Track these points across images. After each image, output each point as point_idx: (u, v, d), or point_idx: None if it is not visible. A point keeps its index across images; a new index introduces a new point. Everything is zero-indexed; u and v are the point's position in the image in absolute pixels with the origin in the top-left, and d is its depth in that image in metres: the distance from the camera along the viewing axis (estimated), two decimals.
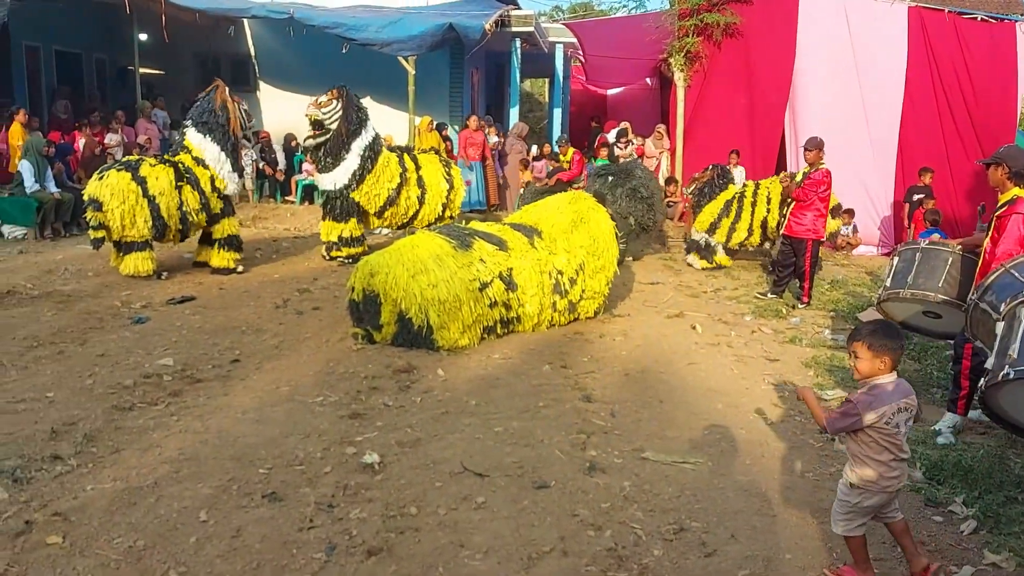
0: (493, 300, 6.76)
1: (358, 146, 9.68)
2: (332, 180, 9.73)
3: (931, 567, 3.54)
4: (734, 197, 10.67)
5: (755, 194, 10.52)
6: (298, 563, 3.49)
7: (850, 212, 12.66)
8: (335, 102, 9.53)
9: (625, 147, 15.17)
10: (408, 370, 5.99)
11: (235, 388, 5.61)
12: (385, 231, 12.62)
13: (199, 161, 9.00)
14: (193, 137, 9.07)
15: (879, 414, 3.30)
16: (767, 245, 10.72)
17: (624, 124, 16.10)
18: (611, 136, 15.89)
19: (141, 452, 4.51)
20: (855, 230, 12.82)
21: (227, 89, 9.36)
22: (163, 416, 5.07)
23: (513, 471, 4.42)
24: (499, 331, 6.95)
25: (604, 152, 13.71)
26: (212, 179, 9.05)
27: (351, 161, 9.67)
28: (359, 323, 6.74)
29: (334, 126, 9.53)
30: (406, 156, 10.51)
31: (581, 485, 4.30)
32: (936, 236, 10.10)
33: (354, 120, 9.65)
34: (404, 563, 3.50)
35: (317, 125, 9.54)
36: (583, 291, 7.49)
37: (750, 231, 10.59)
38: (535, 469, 4.45)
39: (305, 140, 9.86)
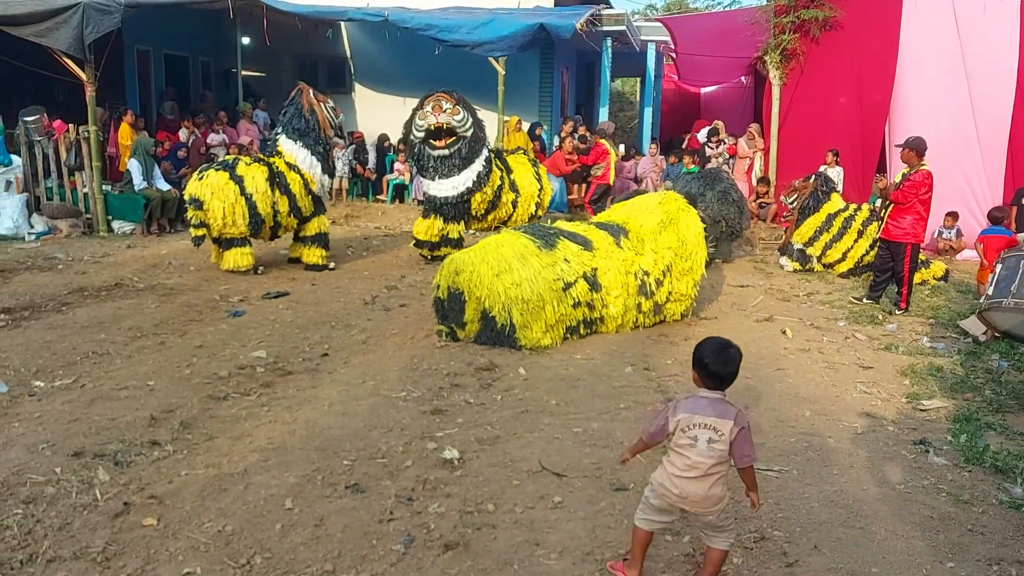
0: (577, 300, 6.75)
1: (485, 150, 9.70)
2: (453, 185, 9.63)
3: None
4: (838, 213, 10.38)
5: (864, 224, 10.19)
6: (377, 554, 3.56)
7: (954, 215, 12.12)
8: (460, 107, 9.38)
9: (717, 147, 14.92)
10: (490, 368, 6.04)
11: (323, 381, 5.77)
12: (472, 230, 12.76)
13: (292, 167, 9.28)
14: (285, 144, 9.37)
15: (679, 419, 3.25)
16: (850, 276, 10.36)
17: (716, 123, 15.82)
18: (701, 135, 15.66)
19: (233, 440, 4.69)
20: (959, 234, 12.24)
21: (311, 91, 9.62)
22: (255, 406, 5.25)
23: (591, 472, 4.40)
24: (582, 331, 6.93)
25: (689, 160, 13.50)
26: (305, 183, 9.33)
27: (477, 165, 9.63)
28: (444, 320, 6.84)
29: (468, 133, 9.45)
30: (497, 160, 10.52)
31: None
32: (1001, 235, 9.59)
33: (480, 125, 9.66)
34: (480, 559, 3.54)
35: (448, 132, 9.37)
36: (669, 293, 7.40)
37: (844, 256, 10.31)
38: (613, 471, 4.42)
39: (436, 149, 9.48)
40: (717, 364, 3.25)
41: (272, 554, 3.53)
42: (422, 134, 9.50)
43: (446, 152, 9.51)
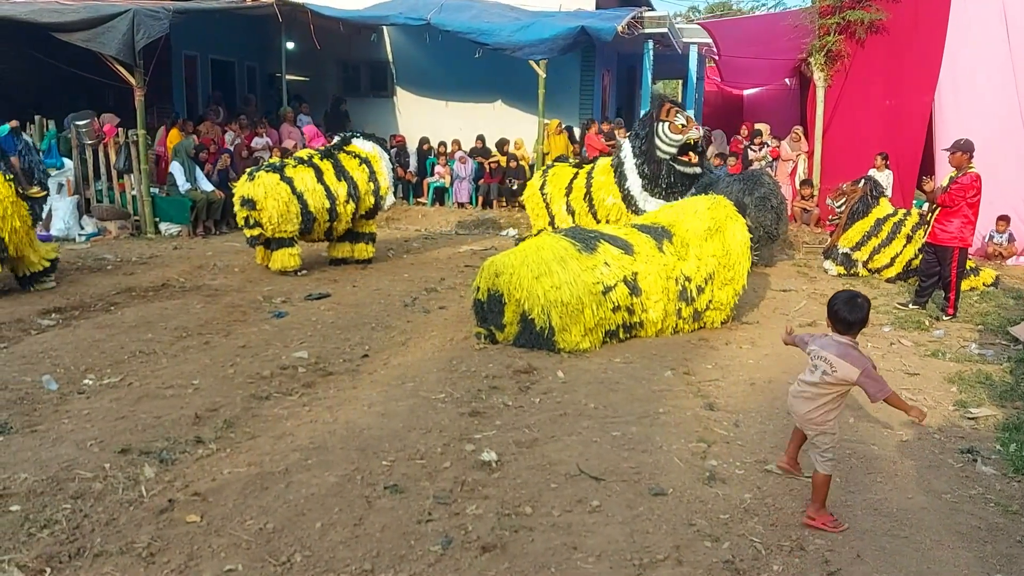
0: (616, 304, 6.72)
1: None
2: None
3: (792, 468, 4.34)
4: (886, 218, 10.22)
5: (914, 230, 10.03)
6: (415, 554, 3.58)
7: (1005, 219, 11.84)
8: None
9: (759, 149, 14.76)
10: (528, 371, 6.04)
11: (363, 382, 5.83)
12: (512, 232, 12.79)
13: (363, 160, 9.75)
14: (364, 144, 9.92)
15: (810, 350, 4.00)
16: (897, 281, 10.19)
17: (759, 126, 15.65)
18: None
19: (275, 439, 4.75)
20: (1011, 238, 11.96)
21: None
22: (296, 406, 5.32)
23: (630, 476, 4.38)
24: (621, 335, 6.90)
25: (719, 161, 13.34)
26: (372, 177, 9.76)
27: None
28: (483, 323, 6.85)
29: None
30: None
31: (699, 494, 4.21)
32: None
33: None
34: (517, 561, 3.54)
35: (693, 147, 8.78)
36: (710, 301, 7.33)
37: (892, 262, 10.15)
38: (652, 475, 4.40)
39: (690, 166, 8.85)
40: (845, 310, 3.83)
41: (312, 552, 3.56)
42: (674, 149, 8.73)
43: (698, 169, 8.84)
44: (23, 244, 7.87)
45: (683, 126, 8.55)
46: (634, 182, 9.00)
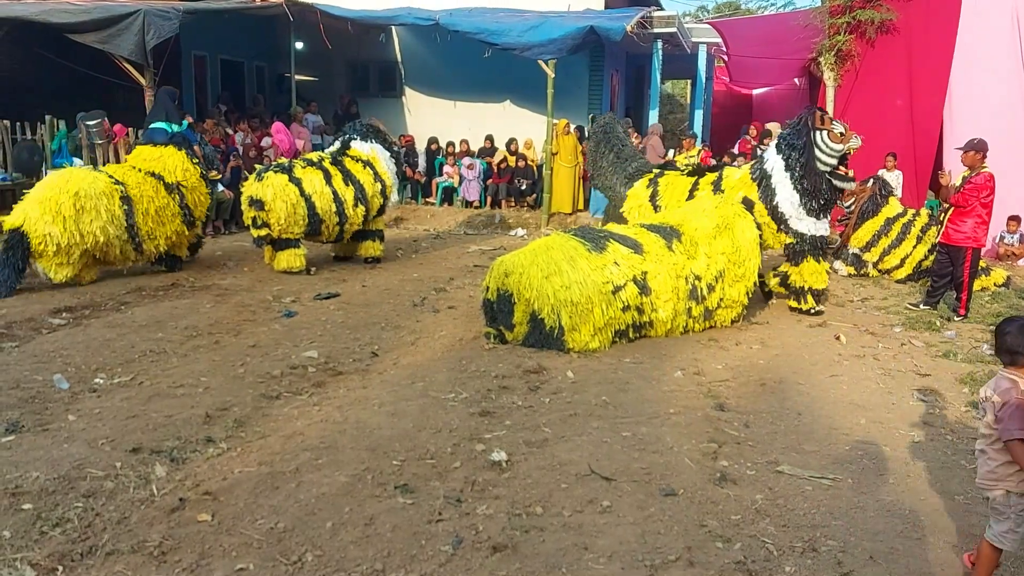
0: (626, 304, 6.71)
1: None
2: (828, 222, 8.32)
3: None
4: (896, 217, 10.18)
5: (923, 230, 9.99)
6: (426, 554, 3.57)
7: (1015, 219, 11.79)
8: None
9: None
10: (538, 371, 6.03)
11: (373, 381, 5.83)
12: (522, 232, 12.79)
13: (366, 163, 9.79)
14: (361, 146, 9.95)
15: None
16: (908, 281, 10.15)
17: (769, 126, 15.62)
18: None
19: (285, 439, 4.75)
20: (1021, 239, 11.91)
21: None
22: (306, 405, 5.32)
23: (640, 477, 4.37)
24: (631, 335, 6.89)
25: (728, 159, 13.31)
26: (377, 178, 9.82)
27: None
28: (492, 322, 6.85)
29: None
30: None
31: (711, 495, 4.20)
32: None
33: None
34: (528, 561, 3.53)
35: (844, 159, 7.91)
36: (721, 299, 7.31)
37: (902, 263, 10.12)
38: (663, 476, 4.38)
39: (844, 180, 7.93)
40: (1012, 338, 3.25)
41: (323, 552, 3.56)
42: (835, 161, 7.79)
43: (853, 184, 8.10)
44: (201, 216, 9.43)
45: (842, 134, 7.72)
46: (786, 197, 7.96)
